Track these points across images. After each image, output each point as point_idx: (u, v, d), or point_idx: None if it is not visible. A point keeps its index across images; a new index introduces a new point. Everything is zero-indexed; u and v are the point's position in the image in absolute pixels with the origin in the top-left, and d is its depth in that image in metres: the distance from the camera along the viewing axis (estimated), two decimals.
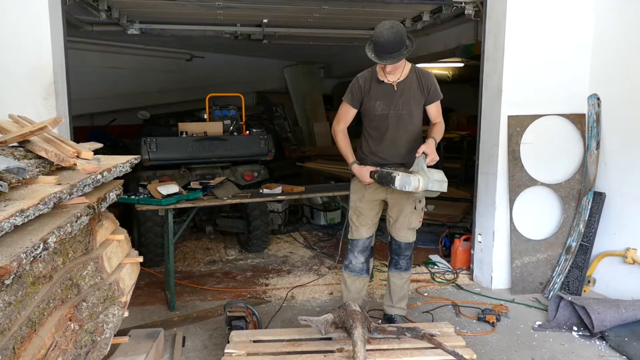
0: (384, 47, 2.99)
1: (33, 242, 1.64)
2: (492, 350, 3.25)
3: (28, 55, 3.53)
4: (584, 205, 4.10)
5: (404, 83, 3.25)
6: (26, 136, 2.18)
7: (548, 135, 4.19)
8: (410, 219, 3.36)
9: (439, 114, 3.42)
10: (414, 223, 3.38)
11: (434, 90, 3.32)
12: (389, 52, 3.01)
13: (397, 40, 2.99)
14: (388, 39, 2.98)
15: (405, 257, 3.47)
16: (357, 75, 3.34)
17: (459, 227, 5.81)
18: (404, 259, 3.47)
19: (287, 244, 5.85)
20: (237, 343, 2.89)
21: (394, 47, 3.00)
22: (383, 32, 2.98)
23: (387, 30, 2.98)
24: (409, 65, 3.29)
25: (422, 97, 3.30)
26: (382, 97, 3.25)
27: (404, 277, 3.54)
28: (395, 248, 3.46)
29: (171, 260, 3.98)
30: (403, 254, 3.46)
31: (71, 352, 1.99)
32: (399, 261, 3.48)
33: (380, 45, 2.99)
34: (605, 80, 4.08)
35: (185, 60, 9.44)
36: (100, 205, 2.31)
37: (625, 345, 3.16)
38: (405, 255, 3.47)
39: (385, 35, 2.97)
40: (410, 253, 3.49)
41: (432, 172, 3.07)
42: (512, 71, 4.09)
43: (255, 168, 5.58)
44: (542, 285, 4.21)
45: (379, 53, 3.03)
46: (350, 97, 3.32)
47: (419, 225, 3.43)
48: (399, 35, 2.99)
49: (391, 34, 2.98)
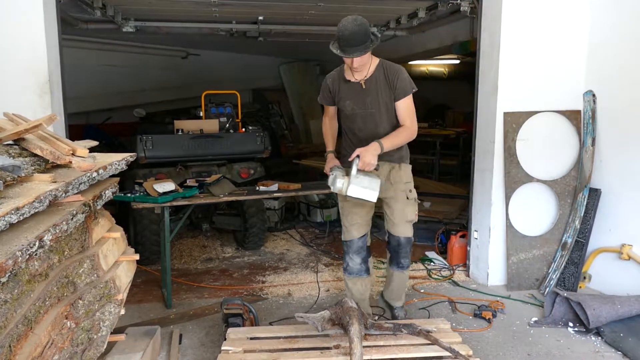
0: (349, 40, 2.91)
1: (29, 240, 1.64)
2: (488, 346, 3.26)
3: (23, 53, 3.52)
4: (580, 201, 4.12)
5: (370, 80, 3.16)
6: (21, 134, 2.16)
7: (544, 131, 4.20)
8: (405, 211, 3.30)
9: (408, 113, 3.17)
10: (409, 215, 3.32)
11: (401, 84, 3.14)
12: (354, 45, 2.92)
13: (361, 33, 2.92)
14: (353, 32, 2.90)
15: (406, 254, 3.43)
16: (327, 74, 3.31)
17: (455, 223, 5.82)
18: (405, 256, 3.42)
19: (283, 241, 5.85)
20: (234, 340, 2.89)
21: (359, 39, 2.92)
22: (347, 25, 2.91)
23: (351, 23, 2.91)
24: (376, 61, 3.19)
25: (390, 92, 3.17)
26: (351, 97, 3.20)
27: (406, 274, 3.56)
28: (395, 245, 3.41)
29: (167, 258, 3.98)
30: (403, 250, 3.40)
31: (68, 350, 1.98)
32: (401, 260, 3.43)
33: (345, 39, 2.92)
34: (600, 77, 4.09)
35: (181, 57, 9.42)
36: (96, 203, 2.31)
37: (621, 341, 3.18)
38: (406, 251, 3.41)
39: (350, 28, 2.90)
40: (410, 249, 3.43)
41: (361, 178, 2.96)
42: (508, 68, 4.09)
43: (251, 165, 5.57)
44: (538, 282, 4.22)
45: (344, 47, 2.95)
46: (322, 97, 3.34)
47: (415, 218, 3.38)
48: (363, 28, 2.92)
49: (355, 26, 2.91)
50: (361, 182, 2.94)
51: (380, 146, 2.99)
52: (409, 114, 3.15)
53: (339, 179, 3.00)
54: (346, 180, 2.97)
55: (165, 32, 6.39)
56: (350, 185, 2.93)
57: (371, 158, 2.94)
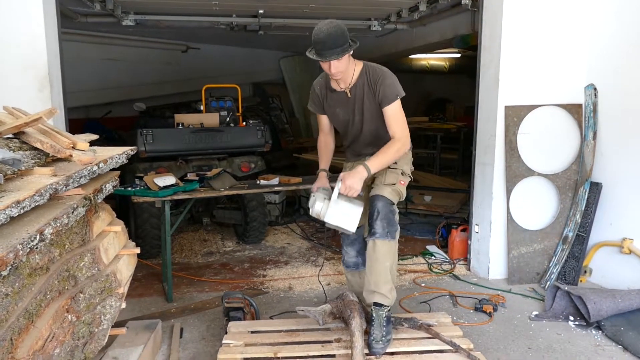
0: (324, 43, 2.72)
1: (29, 233, 1.64)
2: (489, 340, 3.27)
3: (22, 47, 3.51)
4: (581, 195, 4.11)
5: (355, 88, 2.97)
6: (21, 127, 2.16)
7: (545, 125, 4.19)
8: (385, 176, 2.97)
9: (395, 121, 2.88)
10: (389, 179, 2.95)
11: (384, 91, 2.88)
12: (330, 48, 2.72)
13: (338, 34, 2.72)
14: (329, 33, 2.72)
15: (379, 219, 2.83)
16: (314, 83, 3.15)
17: (456, 217, 5.83)
18: (378, 220, 2.83)
19: (284, 235, 5.85)
20: (235, 334, 2.89)
21: (335, 42, 2.72)
22: (322, 27, 2.74)
23: (326, 25, 2.75)
24: (360, 66, 2.96)
25: (374, 99, 2.94)
26: (340, 105, 3.05)
27: (380, 248, 2.83)
28: (370, 210, 2.91)
29: (168, 252, 3.98)
30: (375, 211, 2.85)
31: (69, 343, 1.98)
32: (373, 225, 2.85)
33: (321, 41, 2.73)
34: (602, 71, 4.07)
35: (181, 51, 9.40)
36: (96, 196, 2.30)
37: (621, 335, 3.19)
38: (379, 214, 2.84)
39: (325, 29, 2.72)
40: (385, 214, 2.84)
41: (342, 204, 2.75)
42: (509, 61, 4.07)
43: (252, 159, 5.57)
44: (539, 276, 4.22)
45: (320, 51, 2.75)
46: (313, 106, 3.19)
47: (397, 185, 2.94)
48: (340, 30, 2.74)
49: (331, 28, 2.73)
50: (341, 208, 2.72)
51: (367, 170, 2.77)
52: (397, 122, 2.88)
53: (319, 201, 2.81)
54: (326, 204, 2.77)
55: (165, 26, 6.37)
56: (329, 211, 2.73)
57: (354, 183, 2.72)
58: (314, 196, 2.88)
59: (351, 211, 2.74)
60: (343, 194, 2.74)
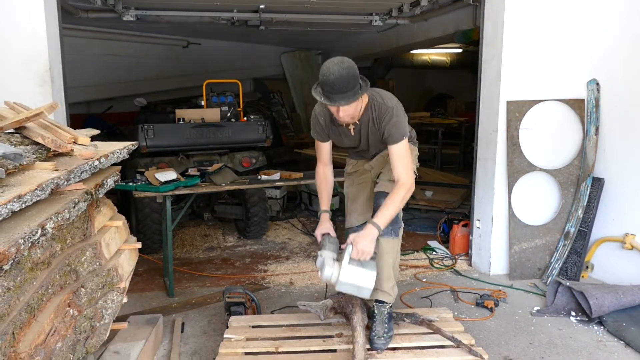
0: (334, 86, 2.52)
1: (31, 227, 1.63)
2: (490, 335, 3.27)
3: (23, 42, 3.50)
4: (583, 190, 4.10)
5: (360, 124, 2.82)
6: (22, 122, 2.15)
7: (547, 120, 4.18)
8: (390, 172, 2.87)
9: (400, 162, 2.70)
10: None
11: (389, 131, 2.71)
12: (340, 92, 2.53)
13: (349, 77, 2.52)
14: (339, 76, 2.50)
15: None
16: (316, 110, 2.89)
17: (457, 213, 5.83)
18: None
19: (285, 230, 5.86)
20: (236, 328, 2.90)
21: (346, 85, 2.52)
22: (331, 68, 2.52)
23: (336, 65, 2.52)
24: (366, 100, 2.77)
25: (380, 134, 2.79)
26: (345, 135, 2.90)
27: (383, 246, 2.82)
28: (374, 206, 2.92)
29: (169, 247, 3.98)
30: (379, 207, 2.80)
31: (70, 337, 1.99)
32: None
33: (330, 84, 2.52)
34: (604, 66, 4.05)
35: (182, 47, 9.37)
36: (98, 191, 2.30)
37: (623, 330, 3.18)
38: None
39: (335, 71, 2.51)
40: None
41: (354, 269, 2.54)
42: (511, 56, 4.06)
43: (253, 154, 5.57)
44: (541, 271, 4.22)
45: (329, 94, 2.55)
46: (316, 134, 2.96)
47: None
48: (351, 71, 2.53)
49: (342, 70, 2.51)
50: (353, 274, 2.53)
51: (377, 229, 2.62)
52: (402, 163, 2.71)
53: (328, 265, 2.58)
54: (336, 267, 2.57)
55: (166, 21, 6.35)
56: (341, 278, 2.54)
57: (366, 246, 2.57)
58: (321, 256, 2.64)
59: (365, 277, 2.54)
60: (355, 258, 2.57)
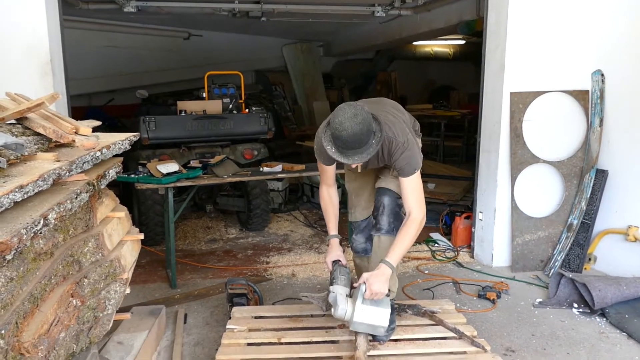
0: (347, 143, 2.36)
1: (33, 218, 1.63)
2: (492, 326, 3.27)
3: (24, 34, 3.48)
4: (586, 182, 4.08)
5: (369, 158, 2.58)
6: (24, 113, 2.14)
7: (551, 112, 4.15)
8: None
9: (412, 195, 2.62)
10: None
11: (400, 165, 2.62)
12: (354, 148, 2.38)
13: (363, 132, 2.34)
14: (352, 133, 2.33)
15: (385, 214, 2.84)
16: (321, 140, 2.57)
17: (459, 205, 5.82)
18: (384, 215, 2.85)
19: (287, 222, 5.86)
20: (238, 319, 2.90)
21: (359, 141, 2.35)
22: (344, 123, 2.33)
23: (350, 120, 2.33)
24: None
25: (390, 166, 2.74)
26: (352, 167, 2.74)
27: (385, 244, 2.81)
28: (376, 202, 2.92)
29: (172, 239, 3.98)
30: (381, 206, 2.86)
31: (74, 327, 1.99)
32: (379, 220, 2.87)
33: (343, 140, 2.36)
34: (610, 56, 4.02)
35: (183, 38, 9.33)
36: (100, 182, 2.29)
37: (626, 322, 3.18)
38: (385, 209, 2.84)
39: (348, 127, 2.32)
40: (392, 209, 2.85)
41: (368, 308, 2.50)
42: (515, 47, 4.03)
43: (255, 146, 5.56)
44: (543, 263, 4.21)
45: (342, 149, 2.41)
46: (321, 159, 2.82)
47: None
48: (365, 125, 2.35)
49: (355, 126, 2.32)
50: (368, 314, 2.50)
51: (390, 268, 2.57)
52: (413, 197, 2.62)
53: (341, 303, 2.53)
54: (350, 306, 2.53)
55: (167, 12, 6.32)
56: (355, 318, 2.50)
57: (380, 287, 2.51)
58: (334, 292, 2.58)
59: (379, 316, 2.51)
60: (368, 298, 2.53)
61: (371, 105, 2.76)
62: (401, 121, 2.71)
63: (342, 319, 2.56)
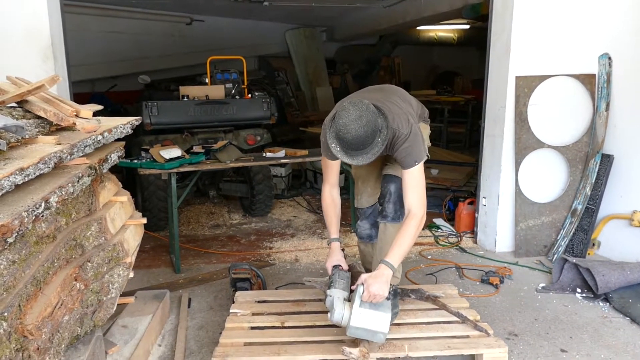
0: (351, 144, 2.32)
1: (34, 201, 1.62)
2: (495, 311, 3.27)
3: (24, 17, 3.46)
4: (592, 167, 4.05)
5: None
6: (24, 96, 2.13)
7: (557, 96, 4.10)
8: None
9: (413, 189, 2.53)
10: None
11: (401, 156, 2.54)
12: (358, 149, 2.34)
13: (368, 134, 2.29)
14: (357, 136, 2.28)
15: (392, 201, 2.83)
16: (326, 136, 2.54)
17: (462, 191, 5.80)
18: (390, 202, 2.83)
19: (290, 208, 5.85)
20: (242, 303, 2.91)
21: (364, 142, 2.31)
22: (349, 125, 2.27)
23: (354, 122, 2.27)
24: None
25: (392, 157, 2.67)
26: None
27: (391, 232, 2.81)
28: (382, 189, 2.90)
29: (175, 224, 3.99)
30: (388, 192, 2.85)
31: (78, 311, 1.99)
32: (385, 207, 2.86)
33: (347, 142, 2.31)
34: (617, 39, 3.96)
35: (185, 24, 9.27)
36: (102, 166, 2.29)
37: (629, 307, 3.17)
38: (391, 196, 2.83)
39: (352, 130, 2.27)
40: (398, 196, 2.80)
41: (366, 312, 2.36)
42: (521, 30, 3.97)
43: (258, 132, 5.54)
44: (546, 248, 4.20)
45: (347, 150, 2.36)
46: (325, 153, 2.75)
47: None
48: (370, 126, 2.29)
49: (360, 128, 2.26)
50: (366, 318, 2.36)
51: (390, 269, 2.46)
52: (414, 190, 2.54)
53: (338, 307, 2.41)
54: (347, 309, 2.41)
55: None
56: (352, 322, 2.36)
57: (380, 289, 2.38)
58: (330, 296, 2.47)
59: (379, 320, 2.36)
60: (367, 301, 2.42)
61: (375, 94, 2.72)
62: (405, 111, 2.63)
63: (338, 324, 2.44)
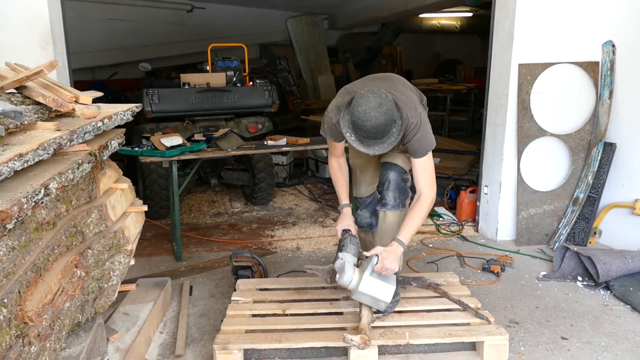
0: (370, 133, 2.29)
1: (34, 187, 1.61)
2: (496, 299, 3.27)
3: (24, 4, 3.44)
4: (594, 156, 4.03)
5: None
6: (23, 81, 2.11)
7: (559, 84, 4.07)
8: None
9: (424, 174, 2.58)
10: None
11: (412, 146, 2.56)
12: (377, 139, 2.32)
13: (387, 122, 2.25)
14: (377, 124, 2.24)
15: (391, 189, 2.84)
16: (332, 119, 2.60)
17: (464, 179, 5.78)
18: (390, 190, 2.85)
19: (292, 196, 5.85)
20: (243, 291, 2.91)
21: (383, 131, 2.28)
22: (369, 112, 2.24)
23: (375, 110, 2.23)
24: None
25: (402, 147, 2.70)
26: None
27: (390, 219, 2.87)
28: (381, 178, 2.91)
29: (177, 212, 3.99)
30: (387, 180, 2.85)
31: (78, 298, 2.00)
32: (384, 195, 2.87)
33: (366, 130, 2.28)
34: (621, 26, 3.92)
35: (186, 11, 9.21)
36: (102, 153, 2.28)
37: (630, 295, 3.17)
38: (390, 184, 2.84)
39: (372, 118, 2.23)
40: (397, 183, 2.85)
41: (374, 281, 2.49)
42: (525, 17, 3.93)
43: (259, 120, 5.51)
44: (548, 237, 4.20)
45: (363, 139, 2.33)
46: (330, 137, 2.76)
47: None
48: (390, 115, 2.26)
49: (380, 116, 2.23)
50: (374, 286, 2.49)
51: (402, 245, 2.57)
52: (425, 176, 2.59)
53: (349, 271, 2.50)
54: (356, 275, 2.51)
55: None
56: (360, 288, 2.48)
57: (392, 264, 2.51)
58: (342, 259, 2.54)
59: (384, 290, 2.51)
60: (377, 271, 2.53)
61: (380, 82, 2.71)
62: (412, 100, 2.64)
63: (346, 287, 2.54)
